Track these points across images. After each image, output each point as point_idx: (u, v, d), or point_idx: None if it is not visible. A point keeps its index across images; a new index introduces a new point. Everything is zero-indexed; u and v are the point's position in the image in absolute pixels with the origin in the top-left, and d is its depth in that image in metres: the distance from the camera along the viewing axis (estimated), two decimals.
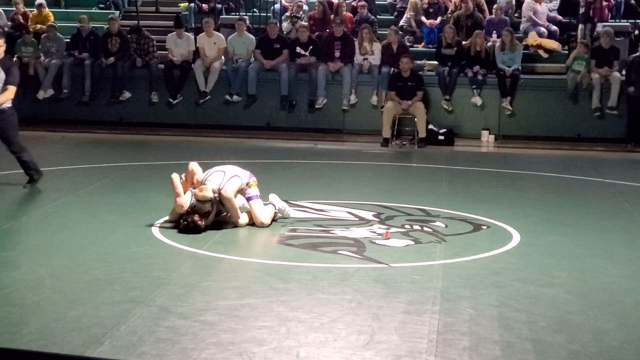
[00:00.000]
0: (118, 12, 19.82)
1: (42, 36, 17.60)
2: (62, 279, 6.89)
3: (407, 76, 15.86)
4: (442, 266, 7.52)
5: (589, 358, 5.45)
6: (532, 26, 17.65)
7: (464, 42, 16.76)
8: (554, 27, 17.76)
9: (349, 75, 16.66)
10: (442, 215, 9.57)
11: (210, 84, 16.99)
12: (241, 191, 8.88)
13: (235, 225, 8.74)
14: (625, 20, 18.00)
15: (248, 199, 8.90)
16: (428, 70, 16.90)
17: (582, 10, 17.78)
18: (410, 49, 17.27)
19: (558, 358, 5.43)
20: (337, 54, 16.79)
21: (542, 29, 17.61)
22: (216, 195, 8.59)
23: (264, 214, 8.90)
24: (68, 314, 6.06)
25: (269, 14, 18.71)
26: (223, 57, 17.08)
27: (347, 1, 18.83)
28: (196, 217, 8.43)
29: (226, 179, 8.73)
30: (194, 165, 8.90)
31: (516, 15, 18.69)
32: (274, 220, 9.00)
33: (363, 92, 16.80)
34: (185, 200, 8.59)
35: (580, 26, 17.63)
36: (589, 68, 16.09)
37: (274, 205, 9.13)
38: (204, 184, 8.70)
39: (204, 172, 8.96)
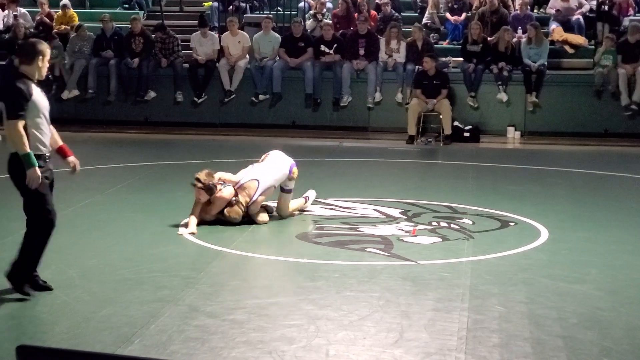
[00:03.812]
0: (142, 11, 19.88)
1: (72, 36, 17.67)
2: (92, 279, 6.92)
3: (432, 74, 15.81)
4: (470, 263, 7.49)
5: (621, 355, 5.41)
6: (557, 21, 17.54)
7: (489, 38, 16.69)
8: (581, 21, 17.62)
9: (374, 72, 16.62)
10: (469, 212, 9.54)
11: (235, 83, 17.01)
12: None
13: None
14: None
15: (282, 190, 9.11)
16: (453, 67, 16.84)
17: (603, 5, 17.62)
18: (435, 46, 17.22)
19: (590, 355, 5.39)
20: (362, 51, 16.76)
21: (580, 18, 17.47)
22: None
23: (288, 208, 9.16)
24: (98, 313, 6.09)
25: (293, 12, 18.70)
26: (247, 56, 17.09)
27: None
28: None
29: (259, 191, 8.82)
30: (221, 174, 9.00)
31: (542, 10, 18.59)
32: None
33: (388, 89, 16.76)
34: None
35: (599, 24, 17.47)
36: (616, 63, 15.98)
37: (306, 199, 9.31)
38: (237, 193, 8.81)
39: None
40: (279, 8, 19.27)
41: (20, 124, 6.17)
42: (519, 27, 17.04)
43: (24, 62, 6.35)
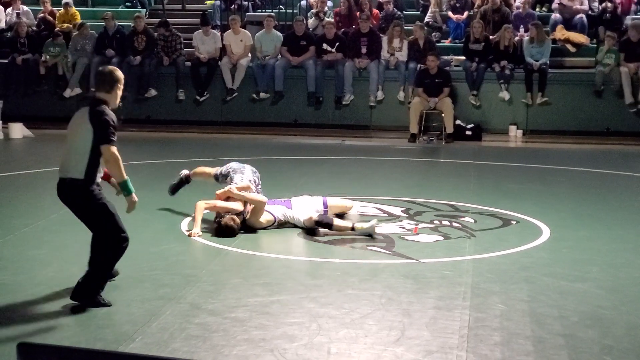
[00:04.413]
0: (144, 10, 19.89)
1: (74, 34, 17.69)
2: None
3: (434, 73, 15.81)
4: (472, 261, 7.49)
5: (622, 353, 5.40)
6: (559, 20, 17.51)
7: (491, 37, 16.69)
8: (584, 20, 17.57)
9: (376, 71, 16.63)
10: (471, 211, 9.54)
11: (237, 81, 17.02)
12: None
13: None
14: None
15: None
16: (455, 66, 16.84)
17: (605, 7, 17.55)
18: (437, 44, 17.22)
19: (591, 353, 5.39)
20: (364, 50, 16.77)
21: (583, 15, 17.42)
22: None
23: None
24: (100, 311, 6.09)
25: (295, 11, 18.71)
26: (249, 54, 17.10)
27: None
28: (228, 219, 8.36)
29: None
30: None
31: (544, 9, 18.59)
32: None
33: (390, 88, 16.77)
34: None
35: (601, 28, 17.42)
36: (618, 61, 15.98)
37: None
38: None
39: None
40: (281, 6, 19.29)
41: (115, 149, 6.21)
42: (521, 26, 17.04)
43: (102, 89, 6.40)
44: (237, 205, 8.52)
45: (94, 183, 6.30)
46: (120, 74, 6.47)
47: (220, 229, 8.28)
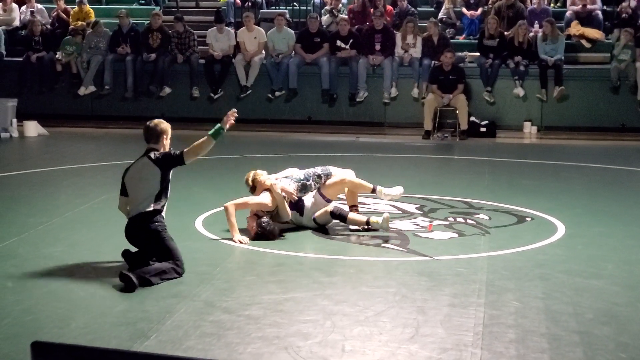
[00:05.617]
0: (158, 7, 19.92)
1: (88, 32, 17.73)
2: (108, 274, 6.93)
3: (448, 69, 15.78)
4: (487, 258, 7.47)
5: (638, 350, 5.37)
6: (574, 15, 17.44)
7: (506, 33, 16.64)
8: (599, 16, 17.50)
9: (390, 68, 16.61)
10: (486, 208, 9.52)
11: (251, 79, 17.03)
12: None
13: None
14: None
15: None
16: (469, 62, 16.81)
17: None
18: (452, 40, 17.19)
19: (606, 351, 5.36)
20: (378, 47, 16.76)
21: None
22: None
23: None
24: (114, 308, 6.11)
25: (309, 8, 18.72)
26: (263, 52, 17.11)
27: None
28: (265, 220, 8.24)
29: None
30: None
31: (558, 4, 18.52)
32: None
33: (404, 84, 16.75)
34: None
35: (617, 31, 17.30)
36: (634, 57, 15.90)
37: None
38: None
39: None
40: (294, 3, 19.29)
41: (186, 152, 7.06)
42: (536, 22, 16.98)
43: (151, 141, 7.14)
44: (269, 201, 8.35)
45: (159, 214, 6.94)
46: (165, 125, 7.17)
47: (264, 234, 8.13)
